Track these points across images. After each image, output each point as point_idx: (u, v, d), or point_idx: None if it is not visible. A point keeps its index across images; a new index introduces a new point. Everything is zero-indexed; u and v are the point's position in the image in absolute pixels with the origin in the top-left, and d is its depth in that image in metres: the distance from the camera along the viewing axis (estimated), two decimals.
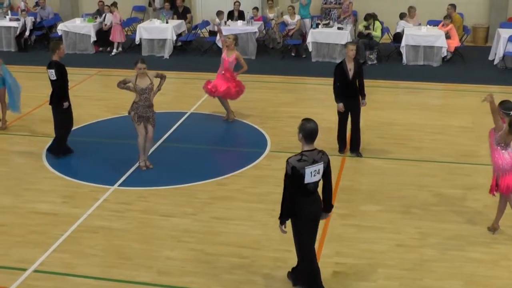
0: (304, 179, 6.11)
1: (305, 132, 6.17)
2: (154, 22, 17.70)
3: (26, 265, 7.33)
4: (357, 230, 8.04)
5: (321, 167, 6.19)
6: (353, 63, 9.94)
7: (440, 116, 12.29)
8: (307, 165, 6.10)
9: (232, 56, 11.54)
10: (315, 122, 6.25)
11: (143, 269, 7.25)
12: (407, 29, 16.26)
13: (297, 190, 6.20)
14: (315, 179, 6.20)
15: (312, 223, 6.40)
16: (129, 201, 8.91)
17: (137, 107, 9.56)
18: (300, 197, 6.25)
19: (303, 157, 6.13)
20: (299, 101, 13.41)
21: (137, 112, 9.56)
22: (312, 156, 6.16)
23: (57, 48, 10.05)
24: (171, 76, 15.05)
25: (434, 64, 15.89)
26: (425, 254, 7.48)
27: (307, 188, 6.19)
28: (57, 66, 10.00)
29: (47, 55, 10.19)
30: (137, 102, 9.56)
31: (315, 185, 6.28)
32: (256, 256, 7.47)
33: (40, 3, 19.16)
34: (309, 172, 6.11)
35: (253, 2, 19.30)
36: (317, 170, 6.16)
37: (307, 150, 6.19)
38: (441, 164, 10.02)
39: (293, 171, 6.09)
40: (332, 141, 10.90)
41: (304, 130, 6.17)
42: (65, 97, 10.15)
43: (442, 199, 8.86)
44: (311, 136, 6.18)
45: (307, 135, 6.17)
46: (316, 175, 6.18)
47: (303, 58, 16.89)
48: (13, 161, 10.43)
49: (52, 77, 9.99)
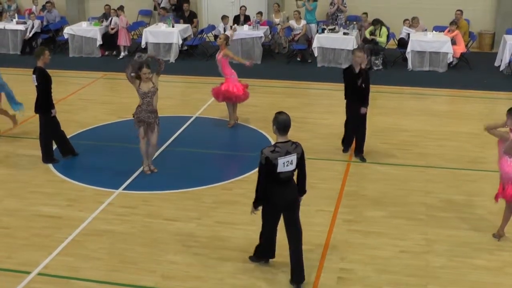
0: (276, 169, 6.43)
1: (278, 124, 6.45)
2: (160, 26, 17.72)
3: (30, 268, 7.33)
4: (362, 236, 8.01)
5: (294, 158, 6.49)
6: (362, 70, 9.89)
7: (445, 122, 12.25)
8: (280, 156, 6.41)
9: (220, 54, 11.54)
10: (287, 114, 6.53)
11: (147, 273, 7.24)
12: (413, 35, 16.24)
13: (271, 179, 6.52)
14: (288, 169, 6.51)
15: (282, 210, 6.79)
16: (133, 205, 8.90)
17: (140, 111, 9.55)
18: (274, 185, 6.57)
19: (276, 148, 6.44)
20: (304, 106, 13.39)
21: (139, 116, 9.55)
22: (286, 148, 6.47)
23: (42, 54, 9.95)
24: (177, 80, 15.10)
25: (440, 70, 15.85)
26: (430, 260, 7.45)
27: (280, 177, 6.51)
28: (40, 72, 9.93)
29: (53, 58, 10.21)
30: (140, 106, 9.55)
31: (289, 175, 6.60)
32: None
33: (47, 7, 19.23)
34: (282, 163, 6.43)
35: (259, 6, 19.31)
36: (289, 161, 6.47)
37: (281, 142, 6.49)
38: (447, 170, 9.99)
39: (267, 161, 6.41)
40: (339, 145, 10.90)
41: (278, 123, 6.46)
42: (50, 104, 10.09)
43: (447, 206, 8.82)
44: (284, 128, 6.46)
45: (280, 127, 6.45)
46: (289, 166, 6.49)
47: (309, 63, 16.89)
48: (18, 164, 10.42)
49: (34, 83, 9.96)
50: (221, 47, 11.49)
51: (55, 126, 10.33)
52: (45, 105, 10.07)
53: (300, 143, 6.70)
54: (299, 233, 6.92)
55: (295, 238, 6.90)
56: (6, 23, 18.65)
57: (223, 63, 11.54)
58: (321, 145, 11.05)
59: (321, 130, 11.81)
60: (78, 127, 11.83)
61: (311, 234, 8.00)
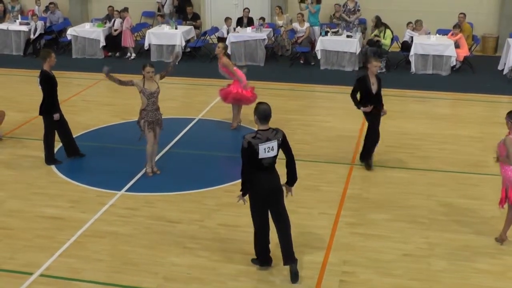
0: (258, 154, 6.72)
1: (259, 114, 6.79)
2: (163, 27, 17.74)
3: (32, 269, 7.33)
4: (365, 239, 8.00)
5: (275, 144, 6.79)
6: (376, 77, 9.74)
7: (448, 125, 12.24)
8: (261, 142, 6.72)
9: (220, 65, 11.49)
10: (268, 104, 6.88)
11: (149, 275, 7.23)
12: (416, 38, 16.23)
13: (253, 165, 6.80)
14: (270, 155, 6.78)
15: (267, 198, 6.92)
16: (136, 206, 8.90)
17: (146, 114, 9.53)
18: (256, 172, 6.83)
19: (258, 135, 6.76)
20: (307, 108, 13.40)
21: (147, 118, 9.52)
22: (266, 135, 6.77)
23: (48, 57, 9.93)
24: (180, 82, 15.10)
25: (443, 73, 15.85)
26: (432, 264, 7.44)
27: (262, 163, 6.77)
28: (44, 75, 9.92)
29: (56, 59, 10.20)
30: (145, 109, 9.53)
31: (271, 161, 6.84)
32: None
33: (50, 8, 19.27)
34: (263, 149, 6.73)
35: (262, 9, 19.34)
36: (270, 147, 6.76)
37: (262, 129, 6.81)
38: (449, 174, 9.98)
39: (249, 145, 6.71)
40: (342, 148, 10.92)
41: (258, 112, 6.79)
42: (55, 108, 10.10)
43: (450, 209, 8.81)
44: (265, 117, 6.78)
45: (261, 116, 6.78)
46: (270, 152, 6.77)
47: (312, 65, 16.89)
48: (21, 165, 10.43)
49: (38, 86, 9.99)
50: (219, 56, 11.41)
51: (63, 128, 10.33)
52: (49, 108, 10.07)
53: (281, 129, 6.91)
54: (287, 227, 7.08)
55: (284, 230, 7.07)
56: (10, 24, 18.68)
57: (225, 71, 11.55)
58: (324, 147, 11.05)
59: (324, 132, 11.80)
60: (81, 129, 11.84)
61: (313, 237, 8.04)
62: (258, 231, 7.15)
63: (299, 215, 8.60)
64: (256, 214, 7.05)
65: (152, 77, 9.46)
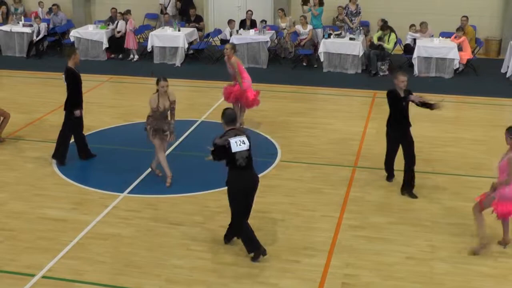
0: (231, 149, 7.16)
1: (226, 118, 7.38)
2: (166, 30, 17.74)
3: (34, 271, 7.33)
4: (367, 242, 7.99)
5: (245, 138, 7.29)
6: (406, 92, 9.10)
7: (451, 128, 12.22)
8: (230, 137, 7.21)
9: (228, 64, 11.55)
10: (233, 109, 7.72)
11: (151, 277, 7.23)
12: (419, 41, 16.21)
13: (228, 162, 7.26)
14: (242, 148, 7.21)
15: (244, 196, 7.39)
16: (138, 208, 8.90)
17: (151, 121, 9.43)
18: (233, 171, 7.29)
19: (226, 133, 7.30)
20: (310, 111, 13.38)
21: (153, 125, 9.43)
22: (233, 132, 7.32)
23: (73, 54, 10.09)
24: (182, 84, 15.10)
25: (446, 76, 15.82)
26: (435, 267, 7.42)
27: (236, 160, 7.20)
28: (69, 72, 10.03)
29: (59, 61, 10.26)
30: (152, 116, 9.42)
31: (245, 158, 7.24)
32: (263, 266, 7.44)
33: (53, 9, 19.28)
34: (234, 142, 7.18)
35: (265, 11, 19.34)
36: (241, 141, 7.23)
37: (229, 129, 7.35)
38: (452, 177, 9.96)
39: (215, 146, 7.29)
40: (345, 151, 10.91)
41: (225, 117, 7.37)
42: (78, 105, 10.18)
43: (452, 212, 8.79)
44: (232, 120, 7.39)
45: (228, 120, 7.37)
46: (242, 145, 7.22)
47: (315, 68, 16.88)
48: (24, 166, 10.43)
49: (64, 83, 10.07)
50: (229, 56, 11.45)
51: (78, 127, 10.39)
52: (73, 105, 10.13)
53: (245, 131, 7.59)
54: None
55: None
56: (13, 25, 18.70)
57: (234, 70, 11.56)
58: (327, 150, 11.03)
59: (327, 135, 11.79)
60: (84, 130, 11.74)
61: (316, 239, 8.03)
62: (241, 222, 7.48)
63: (302, 217, 8.62)
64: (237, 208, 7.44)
65: (166, 92, 9.30)
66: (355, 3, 17.57)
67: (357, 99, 14.29)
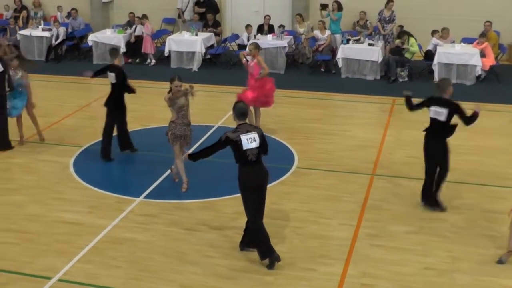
0: (242, 146, 7.12)
1: (237, 111, 7.31)
2: (183, 34, 17.74)
3: (50, 274, 7.33)
4: (385, 251, 7.86)
5: (256, 135, 7.21)
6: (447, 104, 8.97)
7: (473, 136, 12.00)
8: (242, 133, 7.15)
9: (254, 61, 11.57)
10: (245, 103, 7.54)
11: (165, 283, 7.18)
12: (440, 47, 16.02)
13: (239, 159, 7.24)
14: (253, 146, 7.16)
15: (256, 192, 7.30)
16: (154, 213, 8.86)
17: (174, 127, 9.37)
18: (243, 167, 7.24)
19: (237, 128, 7.24)
20: (328, 117, 13.28)
21: (175, 131, 9.36)
22: (245, 128, 7.26)
23: (119, 55, 10.62)
24: (199, 89, 14.95)
25: (468, 83, 15.60)
26: (456, 278, 7.28)
27: (246, 155, 7.15)
28: (119, 70, 10.44)
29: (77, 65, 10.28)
30: (174, 121, 9.37)
31: (255, 154, 7.20)
32: (279, 274, 7.35)
33: (72, 14, 19.38)
34: (245, 139, 7.13)
35: (283, 16, 19.27)
36: (252, 138, 7.17)
37: (240, 124, 7.29)
38: (474, 186, 9.80)
39: (227, 140, 7.18)
40: (363, 158, 10.80)
41: (236, 110, 7.31)
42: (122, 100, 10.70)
43: (474, 222, 8.63)
44: (242, 114, 7.31)
45: (238, 113, 7.30)
46: (253, 142, 7.17)
47: (333, 74, 16.76)
48: (41, 169, 10.45)
49: (112, 80, 10.40)
50: (254, 55, 11.51)
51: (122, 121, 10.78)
52: (117, 102, 10.57)
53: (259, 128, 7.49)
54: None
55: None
56: (32, 29, 18.82)
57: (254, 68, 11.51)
58: (345, 157, 10.92)
59: (344, 142, 11.68)
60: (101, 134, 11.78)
61: (332, 248, 7.94)
62: (257, 223, 7.39)
63: (319, 225, 8.52)
64: (251, 205, 7.34)
65: (180, 91, 9.29)
66: (390, 9, 17.30)
67: (376, 105, 14.16)
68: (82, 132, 12.08)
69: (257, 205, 7.37)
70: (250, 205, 7.35)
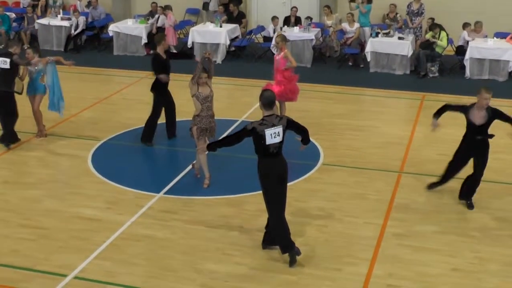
0: (265, 141, 7.02)
1: (264, 100, 7.09)
2: (207, 25, 17.52)
3: (66, 271, 7.21)
4: (412, 251, 7.67)
5: (280, 130, 7.08)
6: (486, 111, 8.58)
7: (504, 134, 11.63)
8: (267, 128, 7.02)
9: (280, 55, 11.33)
10: (272, 91, 7.30)
11: (186, 281, 7.04)
12: (472, 42, 15.61)
13: (260, 151, 7.14)
14: (276, 141, 7.07)
15: (277, 184, 7.16)
16: (174, 209, 8.69)
17: (200, 120, 9.17)
18: (264, 158, 7.16)
19: (264, 121, 7.06)
20: (355, 113, 13.00)
21: (200, 125, 9.17)
22: (271, 121, 7.08)
23: (163, 40, 10.73)
24: (223, 82, 14.85)
25: (500, 79, 15.21)
26: (483, 280, 7.06)
27: (268, 149, 7.06)
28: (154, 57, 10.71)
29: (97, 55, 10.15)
30: (199, 115, 9.17)
31: (277, 147, 7.11)
32: (303, 273, 7.19)
33: (92, 3, 19.14)
34: (269, 134, 7.02)
35: (311, 8, 18.97)
36: (276, 133, 7.05)
37: (267, 115, 7.09)
38: (504, 186, 9.50)
39: (253, 130, 7.04)
40: (391, 155, 10.57)
41: (264, 98, 7.09)
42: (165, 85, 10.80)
43: (504, 223, 8.39)
44: (269, 103, 7.10)
45: (266, 102, 7.09)
46: (277, 137, 7.06)
47: (361, 68, 16.44)
48: (59, 163, 10.36)
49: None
50: (281, 48, 11.28)
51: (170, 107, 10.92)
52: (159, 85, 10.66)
53: (285, 116, 7.28)
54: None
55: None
56: (51, 19, 18.60)
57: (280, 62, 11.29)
58: (372, 154, 10.66)
59: (372, 138, 11.39)
60: (121, 128, 11.69)
61: (358, 247, 7.78)
62: (278, 216, 7.22)
63: (344, 224, 8.34)
64: (272, 197, 7.19)
65: (205, 82, 9.14)
66: (419, 1, 16.91)
67: (405, 101, 13.83)
68: (101, 126, 11.92)
69: (279, 197, 7.21)
70: (271, 197, 7.19)
